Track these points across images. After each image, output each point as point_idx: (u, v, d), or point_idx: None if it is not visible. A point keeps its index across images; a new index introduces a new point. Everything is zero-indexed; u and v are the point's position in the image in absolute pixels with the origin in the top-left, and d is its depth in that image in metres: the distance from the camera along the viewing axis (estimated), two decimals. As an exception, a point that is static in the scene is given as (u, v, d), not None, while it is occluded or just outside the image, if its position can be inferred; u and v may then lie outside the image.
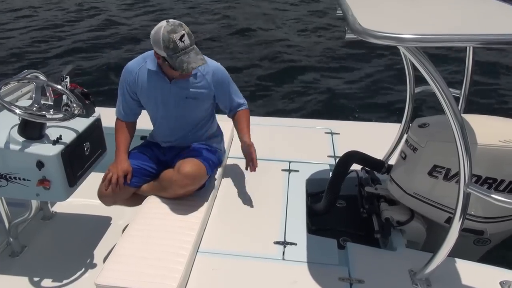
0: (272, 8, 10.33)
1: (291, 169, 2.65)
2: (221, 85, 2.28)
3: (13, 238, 2.41)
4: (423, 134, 2.02)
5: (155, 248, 1.92)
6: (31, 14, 10.06)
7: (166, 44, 1.95)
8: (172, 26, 1.96)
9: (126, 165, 2.21)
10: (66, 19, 9.74)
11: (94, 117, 2.31)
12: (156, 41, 1.99)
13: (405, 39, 1.28)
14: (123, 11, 10.31)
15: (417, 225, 2.15)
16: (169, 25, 1.97)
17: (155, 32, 1.99)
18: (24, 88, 2.52)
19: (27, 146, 1.96)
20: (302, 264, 1.94)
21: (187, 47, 1.98)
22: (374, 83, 6.16)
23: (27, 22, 9.50)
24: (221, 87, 2.28)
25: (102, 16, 9.90)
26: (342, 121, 3.36)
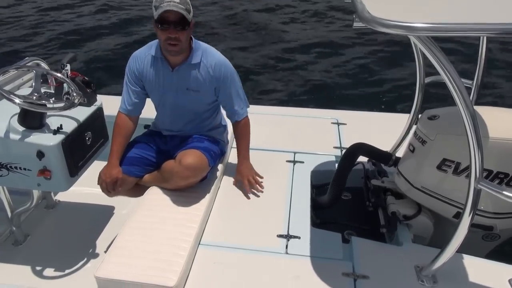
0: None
1: (296, 160, 2.60)
2: (224, 81, 2.19)
3: (16, 227, 2.41)
4: (433, 127, 1.96)
5: (156, 241, 1.89)
6: (34, 0, 9.98)
7: (154, 3, 1.94)
8: None
9: (115, 172, 2.14)
10: (68, 4, 9.65)
11: (96, 106, 2.27)
12: (153, 2, 1.98)
13: (416, 28, 1.22)
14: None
15: (424, 220, 2.09)
16: None
17: None
18: (25, 76, 2.49)
19: (27, 136, 1.93)
20: (305, 258, 1.90)
21: (173, 1, 1.91)
22: (382, 72, 6.04)
23: (29, 9, 9.42)
24: (224, 83, 2.19)
25: (103, 1, 9.78)
26: (349, 111, 3.29)
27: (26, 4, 9.71)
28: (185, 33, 2.00)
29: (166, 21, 1.95)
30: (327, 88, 5.65)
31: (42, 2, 9.78)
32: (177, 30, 1.97)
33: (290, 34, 7.76)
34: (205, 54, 2.16)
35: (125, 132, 2.26)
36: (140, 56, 2.20)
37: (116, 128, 2.25)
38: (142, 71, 2.19)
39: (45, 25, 8.36)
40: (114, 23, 8.45)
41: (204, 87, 2.18)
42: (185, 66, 2.13)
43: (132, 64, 2.21)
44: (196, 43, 2.17)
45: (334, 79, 5.93)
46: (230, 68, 2.21)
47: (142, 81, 2.23)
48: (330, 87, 5.68)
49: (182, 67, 2.14)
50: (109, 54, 6.89)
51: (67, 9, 9.36)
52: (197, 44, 2.17)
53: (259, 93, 5.14)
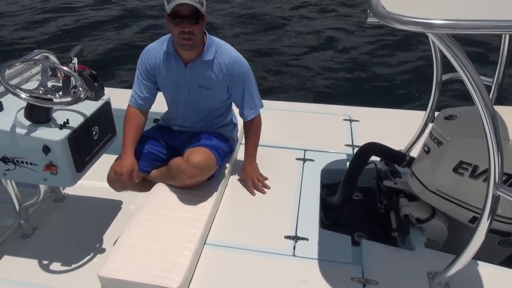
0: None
1: (306, 158, 2.54)
2: (237, 79, 2.13)
3: (24, 220, 2.41)
4: (449, 127, 1.87)
5: (161, 240, 1.86)
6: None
7: None
8: None
9: (130, 163, 2.08)
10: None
11: (104, 100, 2.25)
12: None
13: (434, 25, 1.13)
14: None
15: (438, 223, 2.02)
16: None
17: None
18: (34, 69, 2.47)
19: (33, 130, 1.91)
20: (313, 261, 1.85)
21: None
22: (397, 68, 5.90)
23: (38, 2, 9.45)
24: (236, 81, 2.13)
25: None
26: (361, 107, 3.20)
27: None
28: (198, 26, 1.95)
29: (179, 15, 1.90)
30: (339, 83, 5.55)
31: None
32: (191, 24, 1.91)
33: (301, 27, 7.65)
34: (219, 51, 2.10)
35: (137, 123, 2.21)
36: (152, 50, 2.16)
37: (127, 121, 2.21)
38: (155, 66, 2.15)
39: (52, 16, 8.38)
40: (121, 14, 8.44)
41: (216, 85, 2.13)
42: (198, 62, 2.08)
43: (145, 58, 2.17)
44: (210, 39, 2.11)
45: (346, 74, 5.82)
46: (245, 66, 2.14)
47: (155, 76, 2.19)
48: (342, 82, 5.57)
49: (195, 64, 2.09)
50: (117, 46, 6.89)
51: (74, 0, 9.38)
52: (210, 39, 2.11)
53: (268, 87, 5.06)
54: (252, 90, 2.20)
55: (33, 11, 8.81)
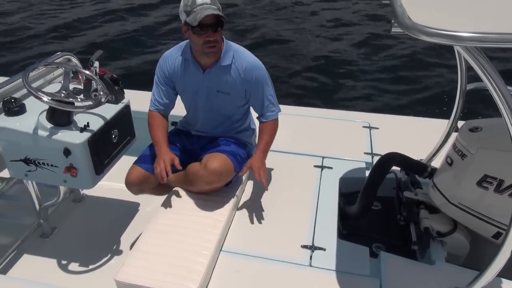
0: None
1: (324, 166, 2.50)
2: (255, 83, 2.12)
3: (43, 220, 2.45)
4: (474, 140, 1.81)
5: (177, 246, 1.86)
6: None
7: (186, 2, 1.91)
8: None
9: (170, 155, 2.09)
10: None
11: (123, 103, 2.27)
12: (180, 8, 1.95)
13: (462, 37, 1.10)
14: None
15: (460, 237, 1.96)
16: None
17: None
18: (56, 71, 2.51)
19: (54, 133, 1.94)
20: (330, 272, 1.82)
21: (205, 3, 1.88)
22: (418, 74, 5.78)
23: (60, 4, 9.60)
24: (254, 86, 2.13)
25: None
26: (381, 114, 3.14)
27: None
28: (220, 33, 1.97)
29: (203, 25, 1.90)
30: (358, 89, 5.47)
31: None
32: (214, 32, 1.93)
33: (322, 32, 7.57)
34: (236, 56, 2.09)
35: (162, 124, 2.23)
36: (171, 57, 2.17)
37: (153, 123, 2.22)
38: (173, 72, 2.16)
39: (73, 20, 8.51)
40: (141, 19, 8.50)
41: (234, 90, 2.12)
42: (216, 68, 2.08)
43: (163, 64, 2.18)
44: (227, 44, 2.11)
45: (366, 80, 5.73)
46: (262, 70, 2.13)
47: (173, 82, 2.20)
48: (361, 88, 5.49)
49: (213, 69, 2.09)
50: (138, 50, 6.94)
51: (97, 5, 9.48)
52: (228, 44, 2.11)
53: (285, 92, 5.03)
54: (270, 95, 2.19)
55: (57, 14, 8.98)
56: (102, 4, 9.41)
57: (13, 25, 8.39)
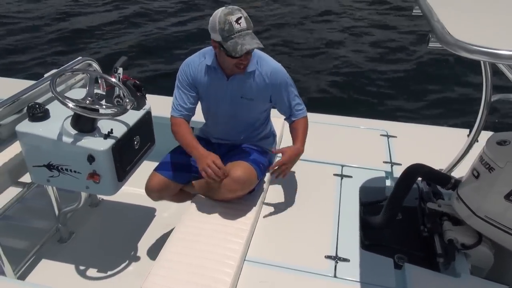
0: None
1: (344, 174, 2.49)
2: (279, 88, 2.15)
3: (62, 225, 2.45)
4: (503, 153, 1.80)
5: (202, 255, 1.85)
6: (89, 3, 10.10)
7: (222, 26, 1.89)
8: (230, 9, 1.91)
9: (212, 155, 2.03)
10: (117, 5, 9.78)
11: (145, 109, 2.27)
12: (212, 25, 1.93)
13: (504, 56, 1.09)
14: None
15: (485, 250, 1.95)
16: (227, 8, 1.92)
17: (213, 16, 1.95)
18: (77, 76, 2.51)
19: (79, 139, 1.94)
20: (355, 284, 1.81)
21: (243, 30, 1.90)
22: (437, 83, 5.74)
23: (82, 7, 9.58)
24: (279, 90, 2.15)
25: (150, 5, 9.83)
26: (399, 122, 3.14)
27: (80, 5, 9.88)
28: (251, 54, 2.01)
29: (242, 59, 1.97)
30: (375, 96, 5.44)
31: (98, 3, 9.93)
32: (248, 55, 1.98)
33: (337, 38, 7.53)
34: (260, 62, 2.11)
35: (189, 129, 2.17)
36: (193, 63, 2.16)
37: (180, 129, 2.15)
38: (197, 78, 2.15)
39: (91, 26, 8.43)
40: (161, 26, 8.46)
41: (258, 95, 2.14)
42: (241, 75, 2.09)
43: (186, 69, 2.17)
44: None
45: (383, 87, 5.70)
46: (285, 74, 2.16)
47: (196, 87, 2.19)
48: (378, 96, 5.47)
49: (238, 76, 2.09)
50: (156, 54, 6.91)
51: (116, 11, 9.45)
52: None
53: (303, 99, 4.97)
54: (295, 95, 2.23)
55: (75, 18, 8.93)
56: (119, 11, 9.32)
57: (30, 27, 8.36)
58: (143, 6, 9.47)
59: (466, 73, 5.74)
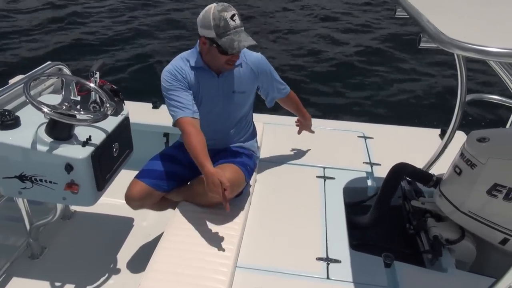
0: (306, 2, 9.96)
1: (327, 176, 2.50)
2: (266, 74, 2.24)
3: (33, 240, 2.30)
4: (484, 150, 1.88)
5: (193, 264, 1.78)
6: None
7: (217, 23, 1.89)
8: (223, 6, 1.92)
9: (215, 174, 1.85)
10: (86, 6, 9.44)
11: (123, 115, 2.17)
12: (205, 22, 1.92)
13: (500, 53, 1.13)
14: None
15: (468, 244, 2.01)
16: (219, 5, 1.92)
17: (205, 12, 1.93)
18: (47, 82, 2.37)
19: (55, 148, 1.82)
20: (349, 284, 1.81)
21: (237, 27, 1.93)
22: (410, 84, 5.95)
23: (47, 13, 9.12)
24: (266, 76, 2.24)
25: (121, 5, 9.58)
26: (374, 124, 3.20)
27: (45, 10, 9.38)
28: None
29: (237, 55, 1.99)
30: (349, 99, 5.55)
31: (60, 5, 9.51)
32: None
33: (313, 40, 7.63)
34: (244, 54, 2.14)
35: (203, 138, 1.97)
36: (179, 67, 2.07)
37: (194, 134, 1.95)
38: (187, 80, 2.07)
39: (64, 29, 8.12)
40: (131, 28, 8.23)
41: (249, 87, 2.19)
42: (230, 70, 2.09)
43: (174, 72, 2.05)
44: None
45: (357, 90, 5.82)
46: (266, 60, 2.25)
47: (190, 88, 2.10)
48: (352, 98, 5.58)
49: (227, 72, 2.09)
50: (129, 58, 6.71)
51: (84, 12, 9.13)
52: None
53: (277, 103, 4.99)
54: (278, 78, 2.35)
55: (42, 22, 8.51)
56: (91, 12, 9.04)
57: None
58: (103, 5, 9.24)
59: (438, 75, 5.99)
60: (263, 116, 2.97)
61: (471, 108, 4.50)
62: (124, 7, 9.51)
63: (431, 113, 4.76)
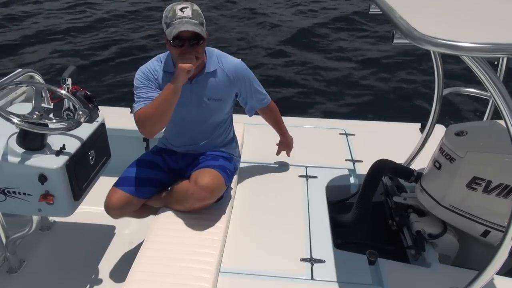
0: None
1: (309, 175, 2.49)
2: (244, 83, 2.14)
3: (11, 254, 2.22)
4: (462, 144, 1.88)
5: (175, 271, 1.74)
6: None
7: (166, 14, 1.87)
8: (181, 2, 1.88)
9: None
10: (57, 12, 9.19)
11: (98, 122, 2.12)
12: (163, 18, 1.89)
13: (466, 48, 1.12)
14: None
15: (451, 238, 2.02)
16: (178, 2, 1.89)
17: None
18: (18, 90, 2.30)
19: (27, 158, 1.77)
20: (333, 284, 1.79)
21: (184, 17, 1.83)
22: (390, 80, 5.96)
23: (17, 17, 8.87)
24: (244, 84, 2.14)
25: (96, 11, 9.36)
26: (355, 120, 3.20)
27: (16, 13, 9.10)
28: (200, 47, 1.90)
29: (180, 38, 1.84)
30: (329, 96, 5.54)
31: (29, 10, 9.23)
32: (191, 46, 1.87)
33: (288, 38, 7.60)
34: (220, 60, 2.07)
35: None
36: (152, 68, 2.03)
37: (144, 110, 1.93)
38: (158, 82, 2.02)
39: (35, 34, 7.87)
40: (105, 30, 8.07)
41: (225, 94, 2.10)
42: (203, 76, 2.02)
43: (146, 72, 2.02)
44: (209, 50, 2.06)
45: (335, 87, 5.81)
46: (247, 69, 2.17)
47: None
48: (332, 95, 5.56)
49: (200, 78, 2.02)
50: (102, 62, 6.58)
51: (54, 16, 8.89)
52: (209, 51, 2.07)
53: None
54: (258, 86, 2.24)
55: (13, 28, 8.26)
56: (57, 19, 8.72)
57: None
58: (82, 12, 9.01)
59: (415, 70, 6.03)
60: (243, 116, 2.94)
61: (451, 101, 4.56)
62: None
63: (412, 107, 4.80)
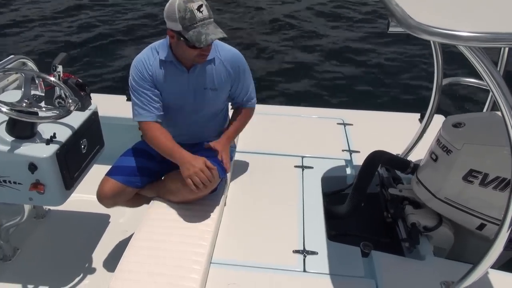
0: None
1: (305, 166, 2.46)
2: (239, 72, 2.08)
3: (4, 242, 2.22)
4: (459, 135, 1.84)
5: (165, 262, 1.73)
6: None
7: (182, 15, 1.76)
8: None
9: (199, 160, 1.90)
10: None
11: (91, 110, 2.10)
12: (171, 14, 1.80)
13: (464, 37, 1.09)
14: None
15: (446, 231, 2.00)
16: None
17: (170, 3, 1.81)
18: (10, 77, 2.27)
19: (17, 147, 1.75)
20: (325, 276, 1.78)
21: (205, 18, 1.79)
22: (387, 70, 5.88)
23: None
24: (239, 75, 2.09)
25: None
26: (354, 110, 3.16)
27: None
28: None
29: (206, 49, 1.88)
30: (327, 86, 5.47)
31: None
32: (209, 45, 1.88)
33: (292, 28, 7.50)
34: (218, 49, 2.02)
35: (168, 134, 2.00)
36: (147, 59, 1.98)
37: (156, 136, 1.98)
38: (154, 74, 1.98)
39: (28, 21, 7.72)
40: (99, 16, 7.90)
41: (222, 84, 2.05)
42: (201, 64, 1.98)
43: (140, 67, 1.98)
44: None
45: (335, 76, 5.73)
46: (244, 60, 2.11)
47: (156, 85, 2.01)
48: (331, 85, 5.49)
49: (198, 66, 1.98)
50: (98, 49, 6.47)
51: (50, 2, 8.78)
52: None
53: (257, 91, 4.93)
54: (251, 83, 2.18)
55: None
56: (50, 2, 8.65)
57: None
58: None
59: (415, 59, 5.94)
60: None
61: (453, 91, 4.49)
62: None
63: (412, 97, 4.74)
